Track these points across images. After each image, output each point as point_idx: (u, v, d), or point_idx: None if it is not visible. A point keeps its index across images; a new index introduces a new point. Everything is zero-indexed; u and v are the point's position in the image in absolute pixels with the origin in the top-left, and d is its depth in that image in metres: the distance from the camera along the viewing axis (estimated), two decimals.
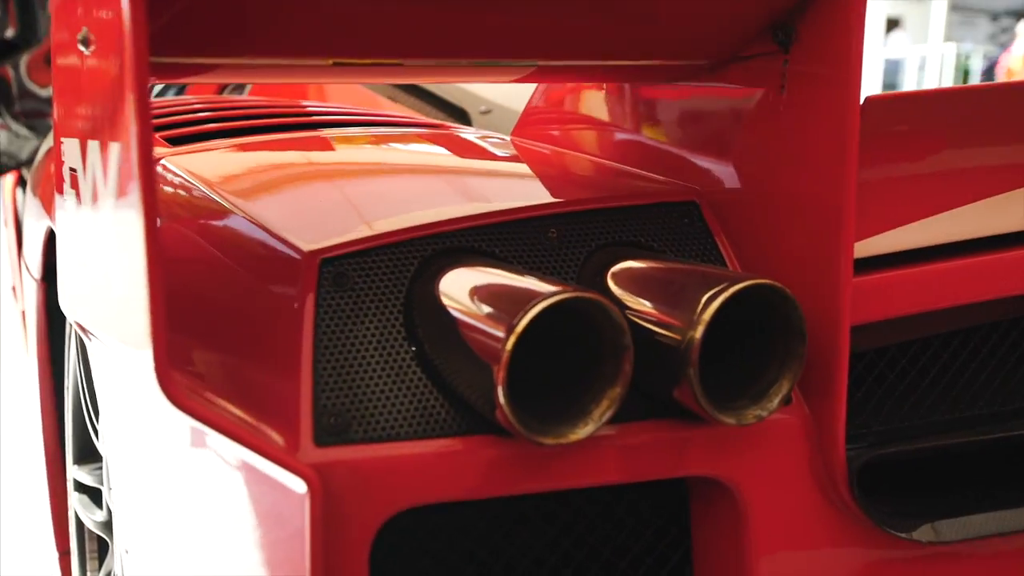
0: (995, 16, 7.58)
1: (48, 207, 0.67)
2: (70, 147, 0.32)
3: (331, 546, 0.29)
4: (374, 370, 0.31)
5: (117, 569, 0.51)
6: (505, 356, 0.26)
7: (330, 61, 0.31)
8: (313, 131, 0.55)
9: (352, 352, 0.30)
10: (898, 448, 0.35)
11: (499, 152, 0.51)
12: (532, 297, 0.27)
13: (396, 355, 0.31)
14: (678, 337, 0.30)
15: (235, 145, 0.50)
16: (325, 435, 0.29)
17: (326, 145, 0.53)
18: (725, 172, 0.37)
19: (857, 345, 0.32)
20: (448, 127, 0.63)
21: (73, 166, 0.31)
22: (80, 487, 0.66)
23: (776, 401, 0.30)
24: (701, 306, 0.29)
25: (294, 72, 0.37)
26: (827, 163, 0.31)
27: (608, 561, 0.35)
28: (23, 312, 0.85)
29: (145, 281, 0.25)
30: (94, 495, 0.64)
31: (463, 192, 0.41)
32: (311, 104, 0.88)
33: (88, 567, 0.72)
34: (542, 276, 0.31)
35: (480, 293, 0.30)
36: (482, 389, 0.29)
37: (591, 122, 0.50)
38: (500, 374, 0.26)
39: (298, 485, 0.28)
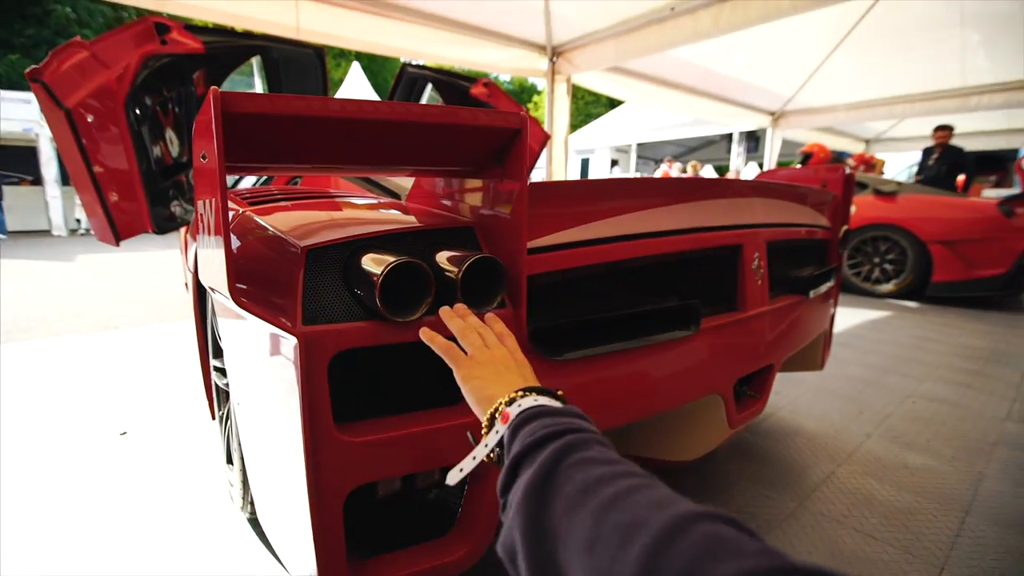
0: (657, 160, 15.37)
1: (194, 236, 1.14)
2: (200, 204, 0.72)
3: (308, 367, 0.69)
4: (327, 294, 0.72)
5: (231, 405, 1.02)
6: (379, 283, 0.68)
7: (309, 166, 0.73)
8: (318, 199, 1.00)
9: (319, 287, 0.72)
10: (542, 325, 0.80)
11: (395, 207, 0.94)
12: (389, 261, 0.69)
13: (337, 287, 0.73)
14: (454, 277, 0.73)
15: (280, 204, 0.93)
16: (307, 320, 0.70)
17: (321, 204, 0.97)
18: (484, 214, 0.81)
19: (532, 281, 0.77)
20: (381, 199, 1.09)
21: (202, 213, 0.71)
22: (216, 369, 1.34)
23: (495, 303, 0.74)
24: (464, 264, 0.72)
25: (296, 170, 0.78)
26: (517, 210, 0.76)
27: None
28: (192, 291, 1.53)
29: (223, 259, 0.66)
30: (222, 373, 1.24)
31: (374, 221, 0.84)
32: (325, 189, 1.41)
33: (218, 410, 1.42)
34: (400, 255, 0.73)
35: (372, 260, 0.72)
36: (372, 300, 0.71)
37: (434, 194, 0.94)
38: (377, 291, 0.68)
39: (294, 340, 0.68)
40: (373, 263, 0.71)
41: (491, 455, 0.52)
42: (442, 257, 0.78)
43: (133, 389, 2.22)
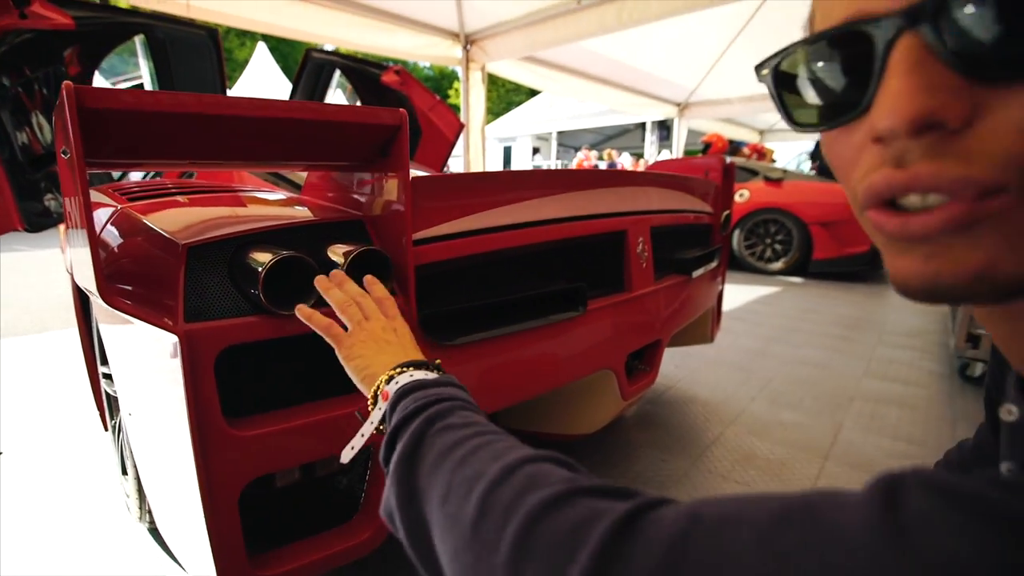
0: (576, 148, 15.60)
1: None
2: (67, 202, 0.68)
3: (193, 365, 0.69)
4: (211, 291, 0.71)
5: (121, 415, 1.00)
6: (262, 278, 0.69)
7: (186, 162, 0.72)
8: (207, 193, 0.95)
9: (201, 284, 0.71)
10: (432, 312, 0.85)
11: (288, 203, 0.94)
12: (272, 257, 0.70)
13: (223, 284, 0.72)
14: (342, 266, 0.75)
15: (165, 200, 0.89)
16: (189, 317, 0.70)
17: (209, 199, 0.93)
18: (373, 208, 0.84)
19: (422, 271, 0.81)
20: (281, 192, 1.07)
21: (69, 210, 0.68)
22: (105, 376, 1.28)
23: (388, 288, 0.77)
24: (350, 255, 0.75)
25: (172, 166, 0.76)
26: (403, 203, 0.80)
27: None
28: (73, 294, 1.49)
29: (90, 260, 0.64)
30: (111, 379, 1.14)
31: (261, 217, 0.83)
32: (226, 184, 1.32)
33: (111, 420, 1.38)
34: (286, 250, 0.74)
35: (257, 256, 0.73)
36: (258, 295, 0.71)
37: (326, 188, 0.95)
38: (260, 286, 0.69)
39: (174, 338, 0.68)
40: (257, 258, 0.71)
41: (380, 428, 0.57)
42: (332, 251, 0.80)
43: (7, 407, 2.01)
